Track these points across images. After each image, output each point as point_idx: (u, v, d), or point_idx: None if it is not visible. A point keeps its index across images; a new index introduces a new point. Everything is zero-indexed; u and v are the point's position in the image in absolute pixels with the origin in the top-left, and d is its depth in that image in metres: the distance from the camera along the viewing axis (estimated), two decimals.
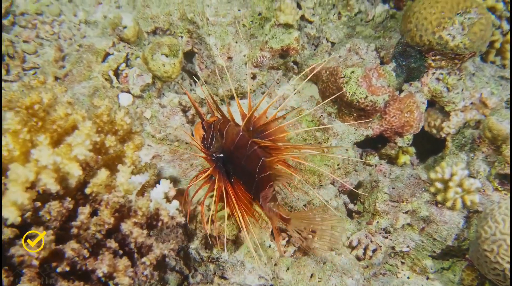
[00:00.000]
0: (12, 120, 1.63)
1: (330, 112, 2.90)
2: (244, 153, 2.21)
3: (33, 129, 1.75)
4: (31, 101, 1.74)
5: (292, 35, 2.98)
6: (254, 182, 2.23)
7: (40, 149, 1.62)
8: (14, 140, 1.65)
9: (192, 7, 3.02)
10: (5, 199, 1.49)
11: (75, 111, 1.86)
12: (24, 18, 3.22)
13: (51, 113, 1.81)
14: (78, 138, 1.71)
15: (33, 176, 1.55)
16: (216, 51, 3.00)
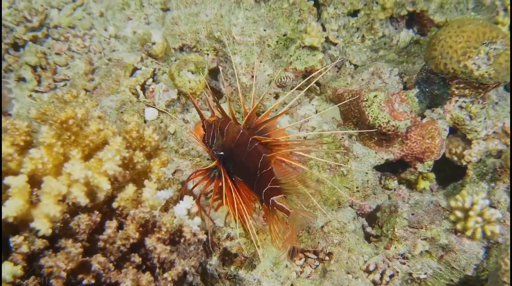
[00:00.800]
0: (47, 134, 1.69)
1: (351, 134, 2.92)
2: (244, 150, 2.28)
3: (66, 143, 1.81)
4: (66, 116, 1.80)
5: (316, 57, 3.03)
6: (256, 178, 2.28)
7: (73, 163, 1.68)
8: (48, 153, 1.71)
9: (219, 25, 3.09)
10: (38, 211, 1.55)
11: (107, 127, 1.91)
12: (57, 31, 3.33)
13: (84, 128, 1.87)
14: (109, 153, 1.76)
15: (66, 190, 1.60)
16: (241, 69, 3.06)
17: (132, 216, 1.79)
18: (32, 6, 3.36)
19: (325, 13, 3.29)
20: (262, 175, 2.27)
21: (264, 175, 2.26)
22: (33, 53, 3.11)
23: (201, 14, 3.14)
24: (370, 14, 3.33)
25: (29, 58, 3.09)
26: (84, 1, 3.53)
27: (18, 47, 3.28)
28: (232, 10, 3.14)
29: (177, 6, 3.20)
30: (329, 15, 3.29)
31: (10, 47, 3.27)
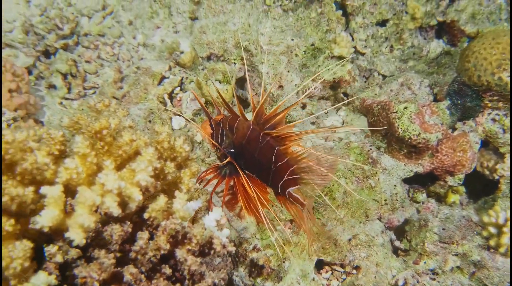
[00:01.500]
0: (82, 144, 1.71)
1: (379, 146, 2.88)
2: (256, 145, 2.27)
3: (99, 153, 1.82)
4: (100, 126, 1.81)
5: (345, 68, 3.01)
6: (271, 172, 2.28)
7: (107, 173, 1.68)
8: (82, 162, 1.72)
9: (247, 35, 3.10)
10: (72, 221, 1.55)
11: (139, 137, 1.92)
12: (87, 39, 3.38)
13: (117, 138, 1.89)
14: (141, 164, 1.77)
15: (100, 200, 1.61)
16: (268, 79, 3.05)
17: (163, 227, 1.79)
18: (64, 14, 3.42)
19: (353, 23, 3.27)
20: (277, 169, 2.26)
21: (280, 168, 2.25)
22: (63, 61, 3.16)
23: (229, 23, 3.15)
24: (399, 24, 3.29)
25: (60, 65, 3.14)
26: (114, 9, 3.58)
27: (49, 54, 3.34)
28: (260, 19, 3.14)
29: (205, 15, 3.22)
30: (358, 24, 3.26)
31: (41, 54, 3.33)
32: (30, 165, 1.57)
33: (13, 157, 1.59)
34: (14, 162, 1.60)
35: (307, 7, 3.20)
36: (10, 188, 1.49)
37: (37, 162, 1.60)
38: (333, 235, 2.53)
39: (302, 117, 3.09)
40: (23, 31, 3.40)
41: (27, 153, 1.62)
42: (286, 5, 3.15)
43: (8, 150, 1.57)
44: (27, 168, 1.56)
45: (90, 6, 3.63)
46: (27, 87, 2.60)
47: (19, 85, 2.54)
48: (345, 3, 3.23)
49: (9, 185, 1.50)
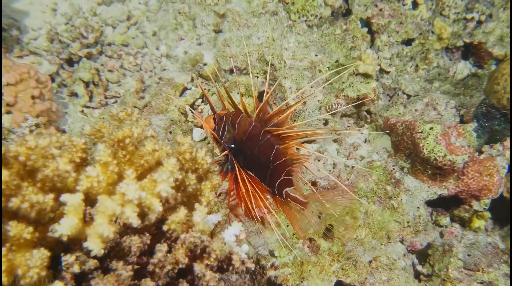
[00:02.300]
0: (104, 152, 1.68)
1: (403, 166, 2.81)
2: (257, 142, 2.27)
3: (120, 162, 1.80)
4: (123, 134, 1.79)
5: (370, 85, 2.96)
6: (269, 170, 2.28)
7: (128, 183, 1.65)
8: (103, 171, 1.70)
9: (271, 49, 3.08)
10: (91, 230, 1.52)
11: (161, 147, 1.89)
12: (111, 49, 3.39)
13: (139, 148, 1.86)
14: (163, 174, 1.73)
15: (120, 210, 1.58)
16: (291, 94, 3.02)
17: (182, 240, 1.74)
18: (89, 23, 3.44)
19: (378, 41, 3.23)
20: (275, 167, 2.26)
21: (277, 167, 2.26)
22: (87, 69, 3.17)
23: (253, 37, 3.13)
24: (425, 44, 3.24)
25: (83, 74, 3.15)
26: (138, 20, 3.60)
27: (73, 62, 3.36)
28: (284, 34, 3.13)
29: (230, 28, 3.21)
30: (383, 42, 3.22)
31: (65, 62, 3.35)
32: (52, 172, 1.54)
33: (35, 163, 1.57)
34: (35, 169, 1.58)
35: (332, 24, 3.18)
36: (30, 195, 1.46)
37: (59, 169, 1.58)
38: (353, 256, 2.46)
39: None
40: (48, 39, 3.44)
41: (49, 160, 1.60)
42: (311, 21, 3.13)
43: (30, 156, 1.55)
44: (48, 175, 1.54)
45: (115, 16, 3.66)
46: (50, 94, 2.61)
47: (42, 91, 2.54)
48: (370, 20, 3.20)
49: (30, 191, 1.48)
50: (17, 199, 1.46)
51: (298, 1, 3.08)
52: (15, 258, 1.40)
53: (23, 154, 1.53)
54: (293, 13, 3.11)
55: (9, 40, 3.35)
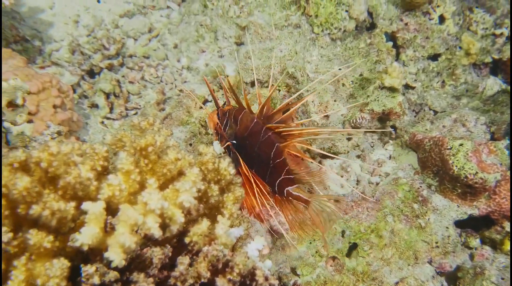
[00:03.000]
0: (126, 160, 1.63)
1: (430, 184, 2.71)
2: (258, 139, 2.22)
3: (142, 171, 1.74)
4: (146, 142, 1.74)
5: (396, 99, 2.89)
6: (269, 168, 2.23)
7: (150, 192, 1.60)
8: (125, 180, 1.64)
9: (293, 62, 3.03)
10: (113, 240, 1.46)
11: (184, 157, 1.84)
12: (132, 60, 3.38)
13: (162, 156, 1.81)
14: (186, 184, 1.67)
15: (142, 219, 1.52)
16: (313, 107, 2.96)
17: (205, 253, 1.67)
18: (111, 35, 3.45)
19: (404, 55, 3.16)
20: (275, 165, 2.22)
21: (277, 165, 2.21)
22: (108, 81, 3.16)
23: (276, 49, 3.09)
24: (452, 59, 3.17)
25: (104, 85, 3.13)
26: (160, 32, 3.60)
27: (94, 74, 3.36)
28: (307, 47, 3.08)
29: (252, 41, 3.18)
30: (408, 57, 3.16)
31: (86, 73, 3.34)
32: (74, 179, 1.49)
33: (57, 170, 1.52)
34: (57, 176, 1.53)
35: (356, 37, 3.13)
36: (52, 202, 1.41)
37: (81, 176, 1.53)
38: (379, 277, 2.35)
39: (347, 149, 2.95)
40: (70, 51, 3.44)
41: (70, 167, 1.55)
42: (335, 34, 3.08)
43: (52, 162, 1.50)
44: (70, 182, 1.49)
45: (137, 29, 3.66)
46: (72, 104, 2.58)
47: (64, 101, 2.52)
48: (395, 35, 3.15)
49: (51, 198, 1.42)
50: (38, 206, 1.41)
51: (321, 14, 3.04)
52: (35, 268, 1.35)
53: (45, 160, 1.49)
54: (317, 26, 3.07)
55: (31, 51, 3.36)
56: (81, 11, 3.72)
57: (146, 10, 3.81)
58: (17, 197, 1.43)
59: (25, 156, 1.55)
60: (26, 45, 3.34)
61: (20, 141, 1.95)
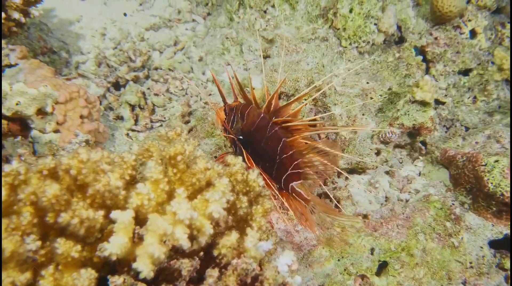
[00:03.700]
0: (155, 169, 1.60)
1: (463, 201, 2.61)
2: (264, 134, 2.20)
3: (171, 180, 1.70)
4: (175, 151, 1.70)
5: (427, 114, 2.81)
6: (275, 164, 2.21)
7: (179, 202, 1.55)
8: (154, 189, 1.61)
9: (320, 75, 2.99)
10: (141, 250, 1.41)
11: (213, 167, 1.80)
12: (158, 73, 3.39)
13: (191, 166, 1.77)
14: (216, 194, 1.63)
15: (171, 230, 1.47)
16: (341, 121, 2.90)
17: (234, 267, 1.61)
18: (137, 47, 3.46)
19: (433, 70, 3.10)
20: (281, 161, 2.19)
21: (284, 160, 2.19)
22: (133, 93, 3.16)
23: (302, 62, 3.06)
24: (484, 75, 3.09)
25: (129, 97, 3.13)
26: (185, 45, 3.60)
27: (120, 86, 3.36)
28: (334, 61, 3.04)
29: (278, 54, 3.15)
30: (438, 72, 3.09)
31: (112, 86, 3.35)
32: (103, 187, 1.45)
33: (86, 178, 1.49)
34: (85, 184, 1.50)
35: (384, 51, 3.08)
36: (81, 210, 1.38)
37: (110, 184, 1.50)
38: None
39: (376, 164, 2.87)
40: (96, 63, 3.47)
41: (100, 175, 1.52)
42: (363, 48, 3.04)
43: (81, 170, 1.47)
44: (99, 190, 1.45)
45: (163, 41, 3.68)
46: (98, 115, 2.58)
47: (91, 112, 2.51)
48: (425, 49, 3.09)
49: (80, 207, 1.39)
50: (67, 215, 1.37)
51: (349, 27, 3.00)
52: (62, 278, 1.31)
53: (75, 168, 1.46)
54: (344, 39, 3.03)
55: (58, 63, 3.39)
56: (108, 24, 3.76)
57: (172, 23, 3.83)
58: (46, 204, 1.39)
59: (54, 163, 1.52)
60: (53, 56, 3.38)
61: (48, 149, 1.93)
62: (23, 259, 1.33)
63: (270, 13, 3.34)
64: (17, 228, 1.40)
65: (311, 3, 3.26)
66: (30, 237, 1.35)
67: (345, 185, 2.83)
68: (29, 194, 1.46)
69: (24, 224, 1.40)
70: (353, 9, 2.99)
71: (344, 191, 2.65)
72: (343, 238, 2.39)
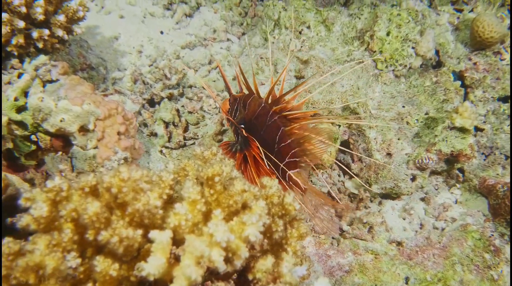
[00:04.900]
0: (193, 190, 1.59)
1: (503, 233, 2.52)
2: (264, 123, 2.27)
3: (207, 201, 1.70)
4: (213, 172, 1.70)
5: (466, 141, 2.74)
6: (273, 152, 2.25)
7: (217, 224, 1.54)
8: (191, 209, 1.60)
9: (355, 97, 2.96)
10: (179, 272, 1.41)
11: (250, 188, 1.78)
12: (192, 91, 3.42)
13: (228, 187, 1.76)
14: (253, 217, 1.61)
15: (208, 252, 1.46)
16: (375, 145, 2.85)
17: None
18: (172, 65, 3.51)
19: (472, 96, 3.03)
20: (279, 149, 2.25)
21: (282, 149, 2.25)
22: (168, 110, 3.19)
23: (337, 84, 3.04)
24: None
25: (164, 114, 3.17)
26: (220, 64, 3.63)
27: (154, 103, 3.41)
28: (369, 83, 3.01)
29: (313, 75, 3.14)
30: (477, 98, 3.03)
31: (147, 102, 3.40)
32: (143, 206, 1.46)
33: (126, 196, 1.50)
34: (125, 202, 1.51)
35: (421, 75, 3.03)
36: (121, 229, 1.38)
37: (149, 204, 1.50)
38: None
39: (411, 190, 2.80)
40: (132, 79, 3.53)
41: (139, 194, 1.53)
42: (399, 71, 3.00)
43: (122, 188, 1.48)
44: (139, 209, 1.46)
45: (197, 60, 3.73)
46: (134, 132, 2.61)
47: (128, 128, 2.55)
48: (463, 74, 3.03)
49: (120, 225, 1.40)
50: (107, 233, 1.38)
51: (386, 50, 2.98)
52: None
53: (116, 186, 1.47)
54: (380, 62, 3.01)
55: (96, 79, 3.47)
56: (145, 41, 3.84)
57: (207, 42, 3.88)
58: (87, 222, 1.41)
59: (96, 181, 1.54)
60: (91, 72, 3.46)
61: (88, 166, 1.96)
62: (63, 276, 1.34)
63: (305, 34, 3.35)
64: (58, 244, 1.42)
65: (347, 25, 3.25)
66: (70, 254, 1.36)
67: (378, 210, 2.77)
68: (70, 211, 1.48)
69: (65, 241, 1.42)
70: (391, 32, 2.96)
71: (378, 216, 2.59)
72: (377, 265, 2.33)
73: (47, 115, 1.88)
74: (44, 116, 1.87)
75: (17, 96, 1.87)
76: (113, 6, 3.97)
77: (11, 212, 1.71)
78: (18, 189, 1.74)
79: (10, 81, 2.54)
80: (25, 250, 1.40)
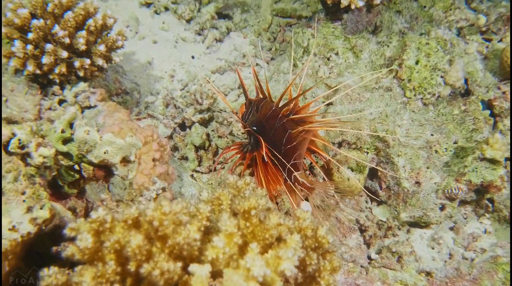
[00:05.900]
0: (230, 222, 1.65)
1: None
2: (273, 125, 2.41)
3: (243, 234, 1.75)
4: (249, 205, 1.75)
5: (497, 172, 2.73)
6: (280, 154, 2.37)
7: (253, 258, 1.59)
8: (228, 242, 1.65)
9: (383, 125, 2.99)
10: None
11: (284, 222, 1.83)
12: (222, 115, 3.50)
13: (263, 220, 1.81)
14: (289, 252, 1.65)
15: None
16: (404, 173, 2.87)
17: None
18: (203, 90, 3.61)
19: (501, 125, 3.03)
20: (286, 151, 2.36)
21: (288, 150, 2.36)
22: (199, 134, 3.27)
23: (365, 111, 3.08)
24: None
25: (195, 138, 3.24)
26: (248, 89, 3.71)
27: (185, 127, 3.50)
28: (398, 111, 3.04)
29: (341, 102, 3.19)
30: (506, 127, 3.02)
31: (178, 126, 3.49)
32: (183, 240, 1.52)
33: (166, 229, 1.57)
34: (165, 234, 1.57)
35: (449, 103, 3.05)
36: (162, 262, 1.44)
37: (189, 237, 1.56)
38: None
39: (439, 220, 2.80)
40: (164, 104, 3.64)
41: (179, 227, 1.59)
42: (428, 99, 3.02)
43: (163, 222, 1.55)
44: (179, 242, 1.52)
45: (227, 84, 3.82)
46: (168, 158, 2.69)
47: (162, 155, 2.63)
48: (492, 103, 3.03)
49: (162, 259, 1.46)
50: (149, 266, 1.44)
51: (415, 78, 3.00)
52: None
53: (158, 220, 1.54)
54: (409, 90, 3.04)
55: (130, 103, 3.59)
56: (177, 66, 3.95)
57: (236, 67, 3.97)
58: (130, 254, 1.47)
59: (138, 214, 1.61)
60: (126, 97, 3.58)
61: (128, 194, 2.04)
62: None
63: (334, 60, 3.41)
64: (102, 276, 1.48)
65: (375, 53, 3.30)
66: None
67: (406, 238, 2.78)
68: (114, 243, 1.55)
69: (109, 272, 1.49)
70: (420, 61, 3.00)
71: (407, 246, 2.60)
72: None
73: (92, 147, 1.97)
74: (89, 148, 1.96)
75: (63, 128, 1.97)
76: (147, 31, 4.11)
77: (55, 240, 1.80)
78: (63, 218, 1.83)
79: (50, 107, 2.67)
80: (72, 282, 1.47)
